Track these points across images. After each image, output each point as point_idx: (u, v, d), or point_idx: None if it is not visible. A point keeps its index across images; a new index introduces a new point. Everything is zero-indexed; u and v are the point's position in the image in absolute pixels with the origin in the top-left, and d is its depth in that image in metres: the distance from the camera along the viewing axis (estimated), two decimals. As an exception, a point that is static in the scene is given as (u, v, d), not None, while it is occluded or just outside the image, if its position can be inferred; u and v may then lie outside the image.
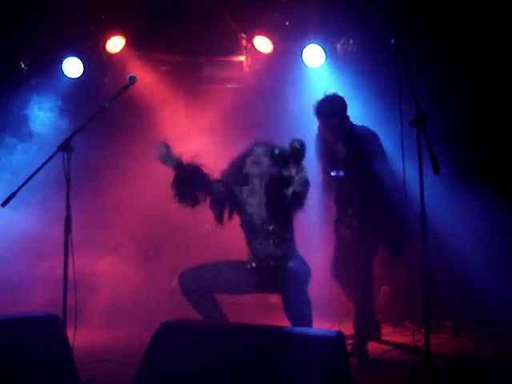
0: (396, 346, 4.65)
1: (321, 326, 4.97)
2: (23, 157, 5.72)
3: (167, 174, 5.90)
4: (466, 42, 5.55)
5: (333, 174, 4.57)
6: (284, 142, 6.10)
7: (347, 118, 4.56)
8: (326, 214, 5.00)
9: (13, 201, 3.65)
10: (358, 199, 4.47)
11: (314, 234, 5.75)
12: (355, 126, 4.58)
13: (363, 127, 4.58)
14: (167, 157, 3.53)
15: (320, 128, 4.64)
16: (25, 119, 6.07)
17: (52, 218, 4.83)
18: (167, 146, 3.54)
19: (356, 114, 4.98)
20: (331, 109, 4.48)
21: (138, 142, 6.13)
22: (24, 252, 5.64)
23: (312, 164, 4.96)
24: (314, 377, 2.59)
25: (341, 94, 4.59)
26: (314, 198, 5.18)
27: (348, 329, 4.60)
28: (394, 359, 4.29)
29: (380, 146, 4.51)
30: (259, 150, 3.81)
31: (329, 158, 4.64)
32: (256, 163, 3.78)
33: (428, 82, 5.11)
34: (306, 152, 3.40)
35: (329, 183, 4.67)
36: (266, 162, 3.76)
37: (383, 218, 4.40)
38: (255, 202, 3.79)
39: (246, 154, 3.86)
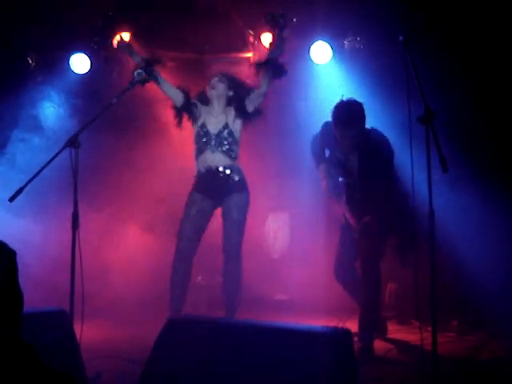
0: (402, 344, 4.64)
1: (327, 323, 4.97)
2: (32, 153, 5.72)
3: (177, 167, 5.86)
4: (473, 37, 5.51)
5: (341, 179, 4.52)
6: (290, 138, 6.14)
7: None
8: (329, 213, 4.99)
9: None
10: (369, 203, 4.43)
11: (318, 232, 5.76)
12: (367, 130, 4.43)
13: (375, 131, 4.47)
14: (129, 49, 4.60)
15: (335, 134, 4.41)
16: (32, 115, 6.08)
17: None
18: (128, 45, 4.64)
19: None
20: (356, 119, 4.27)
21: (144, 136, 6.15)
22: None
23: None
24: (321, 373, 2.59)
25: (360, 101, 4.37)
26: (317, 200, 5.20)
27: (354, 327, 4.60)
28: (400, 357, 4.29)
29: (391, 153, 4.44)
30: (216, 78, 4.62)
31: (337, 164, 4.55)
32: (213, 87, 4.57)
33: (436, 79, 5.10)
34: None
35: (334, 186, 4.59)
36: (221, 87, 4.57)
37: (392, 219, 4.38)
38: (213, 119, 4.55)
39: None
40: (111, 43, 6.22)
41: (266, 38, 6.18)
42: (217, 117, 4.56)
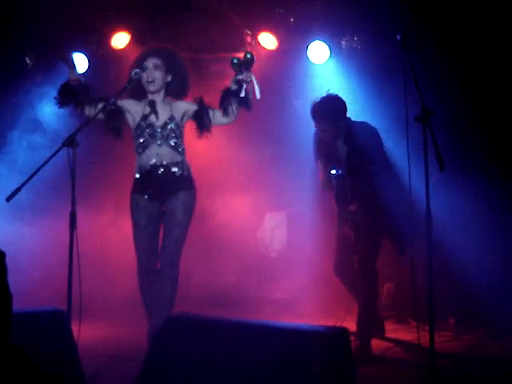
0: (399, 343, 4.64)
1: (324, 322, 4.98)
2: (32, 153, 5.72)
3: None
4: (470, 36, 5.51)
5: (333, 172, 4.54)
6: (288, 137, 6.14)
7: (345, 118, 4.47)
8: (327, 212, 4.99)
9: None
10: (359, 196, 4.45)
11: (315, 231, 5.76)
12: (354, 122, 4.51)
13: (362, 123, 4.52)
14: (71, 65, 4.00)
15: (317, 129, 4.58)
16: (32, 115, 6.07)
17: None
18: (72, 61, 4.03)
19: (360, 110, 4.96)
20: (326, 113, 4.37)
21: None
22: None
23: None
24: (318, 373, 2.59)
25: (338, 95, 4.48)
26: (314, 196, 5.20)
27: (352, 326, 4.60)
28: (398, 357, 4.29)
29: (380, 141, 4.46)
30: (150, 65, 4.09)
31: (328, 157, 4.60)
32: (151, 81, 4.08)
33: (435, 79, 5.10)
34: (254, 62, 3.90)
35: (328, 181, 4.64)
36: (158, 75, 4.08)
37: (387, 214, 4.39)
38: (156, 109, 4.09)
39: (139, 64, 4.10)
40: (109, 43, 6.23)
41: (264, 38, 6.19)
42: (160, 107, 4.12)
